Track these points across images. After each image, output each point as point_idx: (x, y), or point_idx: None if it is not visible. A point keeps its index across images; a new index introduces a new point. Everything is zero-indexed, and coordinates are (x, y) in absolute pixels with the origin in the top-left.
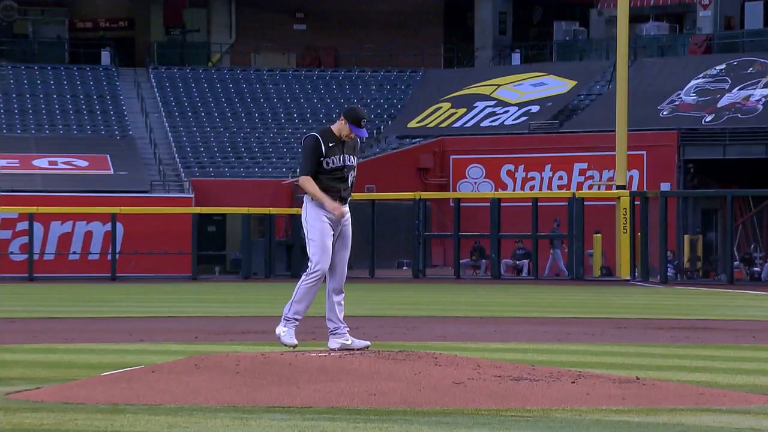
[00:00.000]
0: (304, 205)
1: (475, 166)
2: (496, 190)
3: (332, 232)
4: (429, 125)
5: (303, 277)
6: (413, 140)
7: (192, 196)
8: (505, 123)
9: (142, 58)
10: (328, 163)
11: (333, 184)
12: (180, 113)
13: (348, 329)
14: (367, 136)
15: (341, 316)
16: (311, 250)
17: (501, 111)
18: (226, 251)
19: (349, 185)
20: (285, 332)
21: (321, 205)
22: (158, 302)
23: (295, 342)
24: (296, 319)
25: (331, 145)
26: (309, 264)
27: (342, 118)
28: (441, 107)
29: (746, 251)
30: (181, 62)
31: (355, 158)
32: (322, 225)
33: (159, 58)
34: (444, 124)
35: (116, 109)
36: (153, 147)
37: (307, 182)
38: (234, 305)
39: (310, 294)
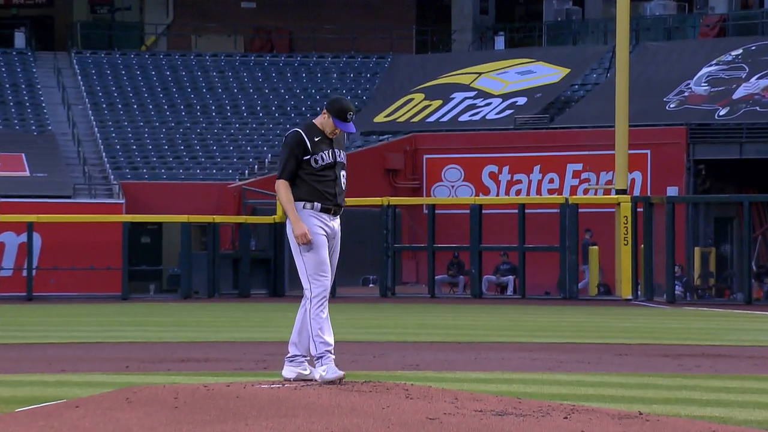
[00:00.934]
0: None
1: (452, 168)
2: (477, 194)
3: (326, 246)
4: (399, 120)
5: (305, 305)
6: (380, 137)
7: (122, 201)
8: (487, 117)
9: (63, 40)
10: (316, 161)
11: (326, 188)
12: (108, 105)
13: (308, 358)
14: (354, 131)
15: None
16: (308, 269)
17: (482, 103)
18: (162, 266)
19: (344, 188)
20: (325, 369)
21: (315, 213)
22: (83, 326)
23: (341, 373)
24: (329, 352)
25: (317, 139)
26: (305, 288)
27: (324, 111)
28: (413, 99)
29: (761, 265)
30: (109, 45)
31: (344, 154)
32: (316, 239)
33: (83, 41)
34: (416, 119)
35: (32, 100)
36: (76, 144)
37: (282, 188)
38: (171, 329)
39: (325, 320)
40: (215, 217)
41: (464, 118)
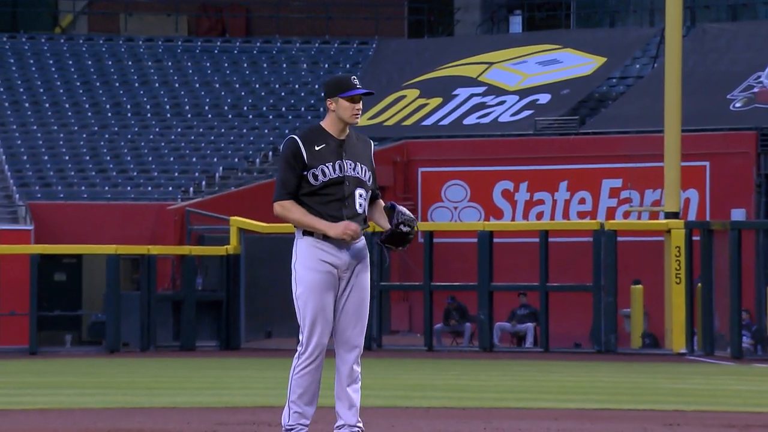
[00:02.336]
0: (294, 244)
1: (455, 184)
2: (487, 219)
3: (334, 287)
4: (386, 123)
5: (294, 361)
6: None
7: (31, 228)
8: (499, 120)
9: None
10: (316, 176)
11: (331, 210)
12: (12, 104)
13: (361, 428)
14: (371, 91)
15: (353, 409)
16: (300, 316)
17: (494, 102)
18: (82, 311)
19: (360, 211)
20: None
21: (317, 243)
22: None
23: None
24: (303, 426)
25: (319, 147)
26: (299, 340)
27: (328, 101)
28: (405, 96)
29: None
30: (12, 27)
31: (365, 168)
32: (315, 278)
33: None
34: (409, 121)
35: None
36: None
37: (285, 211)
38: (94, 392)
39: (311, 385)
40: (151, 248)
41: (470, 120)
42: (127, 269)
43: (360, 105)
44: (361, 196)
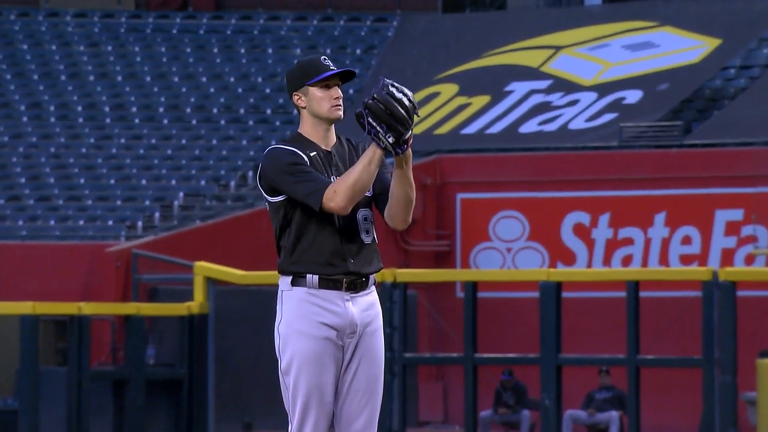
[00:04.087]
0: (278, 298)
1: (508, 216)
2: (553, 265)
3: (336, 359)
4: (414, 130)
5: None
6: None
7: None
8: (571, 127)
9: None
10: None
11: (327, 243)
12: None
13: None
14: (347, 70)
15: None
16: (288, 401)
17: (562, 101)
18: None
19: (368, 241)
20: None
21: (309, 296)
22: None
23: None
24: None
25: (312, 153)
26: (290, 426)
27: (295, 98)
28: (438, 93)
29: None
30: None
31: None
32: (308, 347)
33: None
34: (444, 129)
35: None
36: None
37: (341, 189)
38: None
39: None
40: (83, 306)
41: (529, 127)
42: (49, 336)
43: (339, 92)
44: (366, 219)
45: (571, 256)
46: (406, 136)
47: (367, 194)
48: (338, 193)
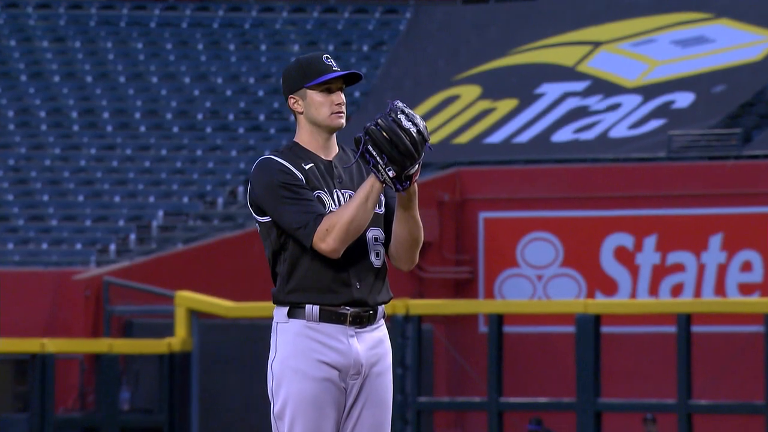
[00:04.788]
0: (273, 332)
1: (539, 238)
2: (591, 295)
3: (338, 403)
4: (431, 139)
5: None
6: None
7: None
8: (611, 135)
9: None
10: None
11: (331, 261)
12: None
13: None
14: (352, 73)
15: None
16: None
17: (601, 105)
18: None
19: (377, 264)
20: None
21: (308, 329)
22: None
23: None
24: None
25: (308, 165)
26: None
27: (291, 101)
28: (458, 96)
29: None
30: None
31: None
32: (306, 388)
33: None
34: (464, 138)
35: None
36: None
37: (332, 229)
38: None
39: None
40: (46, 342)
41: (563, 135)
42: (6, 378)
43: (342, 97)
44: (376, 240)
45: (612, 285)
46: (411, 171)
47: (378, 211)
48: (331, 234)
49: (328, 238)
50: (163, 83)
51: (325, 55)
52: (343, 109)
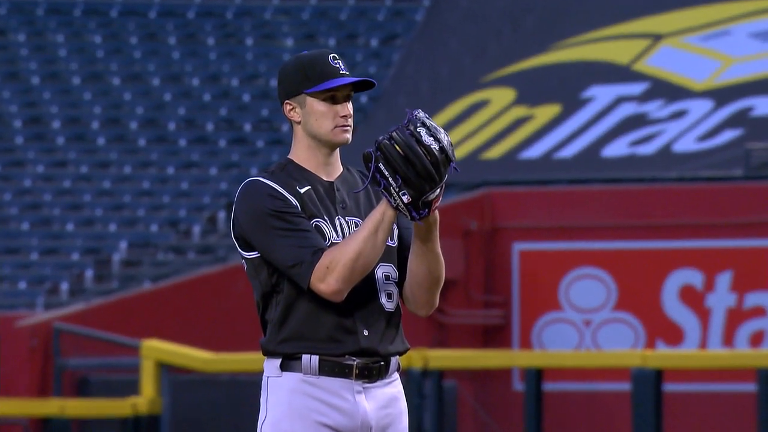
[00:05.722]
0: (263, 388)
1: (586, 275)
2: (651, 345)
3: None
4: (455, 153)
5: None
6: None
7: None
8: (675, 149)
9: None
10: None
11: (333, 304)
12: None
13: None
14: (365, 80)
15: None
16: None
17: (664, 112)
18: None
19: (389, 307)
20: None
21: (305, 383)
22: None
23: None
24: None
25: (304, 189)
26: None
27: (287, 108)
28: (487, 102)
29: None
30: None
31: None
32: None
33: None
34: (495, 152)
35: None
36: None
37: (335, 266)
38: None
39: None
40: None
41: (616, 149)
42: None
43: (349, 108)
44: (388, 278)
45: (677, 333)
46: (431, 197)
47: (390, 244)
48: (332, 272)
49: (329, 277)
50: (127, 85)
51: (331, 55)
52: (350, 122)
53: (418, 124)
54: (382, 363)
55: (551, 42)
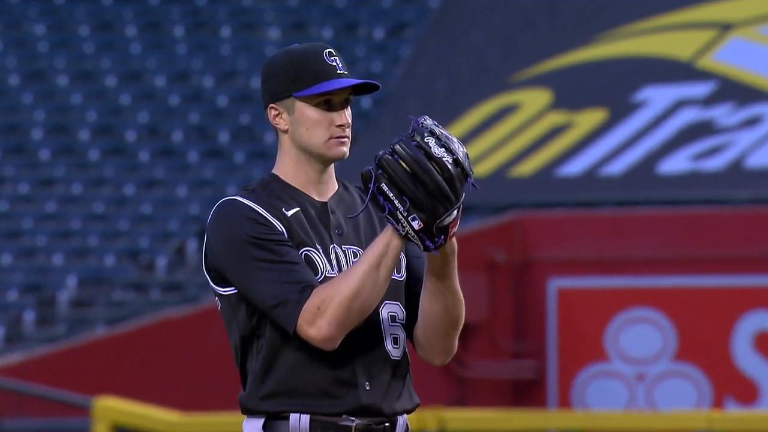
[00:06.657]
0: None
1: (639, 317)
2: (719, 403)
3: None
4: (478, 170)
5: None
6: None
7: None
8: (747, 164)
9: None
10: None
11: (327, 353)
12: None
13: None
14: (367, 82)
15: None
16: None
17: (733, 119)
18: None
19: (396, 355)
20: None
21: None
22: None
23: None
24: None
25: (291, 211)
26: None
27: (272, 113)
28: (517, 106)
29: None
30: None
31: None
32: None
33: None
34: (527, 167)
35: None
36: None
37: (325, 307)
38: None
39: None
40: None
41: (675, 164)
42: None
43: (346, 116)
44: (394, 320)
45: (750, 389)
46: (446, 221)
47: (397, 277)
48: (324, 315)
49: (320, 320)
50: (76, 85)
51: (327, 50)
52: (348, 132)
53: (426, 134)
54: (387, 424)
55: (595, 33)
